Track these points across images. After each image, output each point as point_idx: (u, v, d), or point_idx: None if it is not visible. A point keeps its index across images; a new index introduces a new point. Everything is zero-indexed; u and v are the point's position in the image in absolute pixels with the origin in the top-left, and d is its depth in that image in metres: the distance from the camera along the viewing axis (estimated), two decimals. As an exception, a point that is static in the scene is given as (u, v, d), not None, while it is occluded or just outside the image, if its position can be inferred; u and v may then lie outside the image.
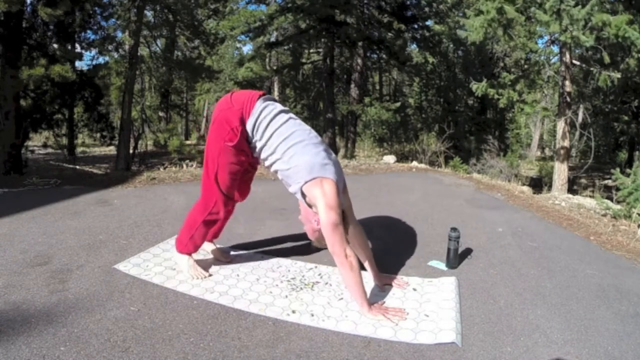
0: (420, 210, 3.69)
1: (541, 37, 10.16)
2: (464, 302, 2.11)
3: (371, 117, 13.77)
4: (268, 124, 2.00)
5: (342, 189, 2.04)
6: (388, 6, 13.34)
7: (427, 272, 2.44)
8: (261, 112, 2.01)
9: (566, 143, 9.78)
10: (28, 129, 9.40)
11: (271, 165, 2.06)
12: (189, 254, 2.28)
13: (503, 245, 2.91)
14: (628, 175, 5.17)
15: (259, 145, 2.03)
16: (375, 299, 2.08)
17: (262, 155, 2.06)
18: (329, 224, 1.85)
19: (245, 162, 2.14)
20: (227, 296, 2.07)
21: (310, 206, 2.00)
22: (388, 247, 2.77)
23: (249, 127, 2.01)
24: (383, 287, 2.21)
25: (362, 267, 2.27)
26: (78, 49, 10.04)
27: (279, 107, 2.08)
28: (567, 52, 9.35)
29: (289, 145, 1.97)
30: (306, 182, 1.92)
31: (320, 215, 1.88)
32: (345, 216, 2.09)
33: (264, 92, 2.12)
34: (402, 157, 10.86)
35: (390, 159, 7.06)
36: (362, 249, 2.21)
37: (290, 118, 2.06)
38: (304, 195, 1.98)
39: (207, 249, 2.50)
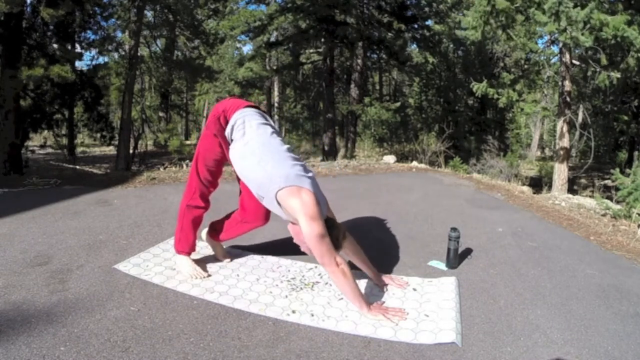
0: (420, 210, 3.69)
1: (541, 37, 10.16)
2: (464, 302, 2.11)
3: (371, 117, 13.76)
4: (249, 127, 2.02)
5: (324, 205, 1.95)
6: (388, 6, 13.34)
7: (427, 272, 2.44)
8: (247, 115, 2.06)
9: (566, 143, 9.78)
10: (28, 129, 9.40)
11: (243, 169, 1.97)
12: (187, 253, 2.29)
13: (503, 245, 2.91)
14: (628, 175, 5.17)
15: (237, 145, 2.02)
16: (375, 299, 2.08)
17: (235, 157, 2.00)
18: (314, 236, 1.78)
19: (220, 154, 2.16)
20: (227, 296, 2.07)
21: (286, 217, 1.92)
22: (388, 247, 2.77)
23: (231, 121, 2.05)
24: (383, 287, 2.21)
25: (359, 270, 2.26)
26: (78, 49, 10.03)
27: (268, 121, 2.13)
28: (567, 52, 9.35)
29: (265, 153, 1.92)
30: (281, 189, 1.83)
31: (303, 228, 1.80)
32: (339, 228, 1.96)
33: (258, 106, 2.19)
34: (402, 157, 10.84)
35: (390, 159, 7.05)
36: (356, 254, 2.17)
37: (273, 132, 2.08)
38: (279, 204, 1.88)
39: (209, 245, 2.51)
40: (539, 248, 2.89)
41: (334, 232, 1.89)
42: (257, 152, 1.94)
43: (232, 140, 2.06)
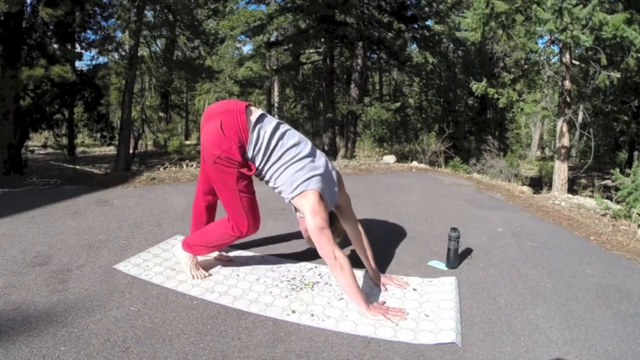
0: (420, 210, 3.69)
1: (541, 37, 10.16)
2: (464, 302, 2.11)
3: (371, 117, 13.76)
4: (263, 154, 2.04)
5: (335, 192, 2.11)
6: (388, 6, 13.35)
7: (427, 272, 2.44)
8: (256, 141, 2.01)
9: (566, 143, 9.78)
10: (28, 129, 9.39)
11: (267, 183, 2.15)
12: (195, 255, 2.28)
13: (503, 245, 2.91)
14: (627, 175, 5.17)
15: (258, 167, 2.10)
16: (375, 299, 2.08)
17: (261, 175, 2.14)
18: (315, 228, 1.91)
19: (249, 178, 2.15)
20: (227, 296, 2.07)
21: (296, 211, 2.13)
22: (388, 247, 2.77)
23: (249, 155, 2.05)
24: (383, 287, 2.21)
25: (362, 266, 2.28)
26: (78, 49, 10.02)
27: (267, 127, 2.04)
28: (567, 52, 9.35)
29: (276, 168, 2.05)
30: (292, 198, 2.02)
31: (306, 221, 1.96)
32: (341, 215, 2.17)
33: (248, 104, 2.08)
34: (402, 157, 10.85)
35: (390, 159, 7.05)
36: (362, 248, 2.22)
37: (279, 139, 2.04)
38: (293, 206, 2.11)
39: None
40: (539, 248, 2.89)
41: (330, 227, 1.99)
42: (269, 170, 2.06)
43: (249, 157, 2.05)
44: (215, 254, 2.46)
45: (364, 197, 4.05)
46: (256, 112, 2.07)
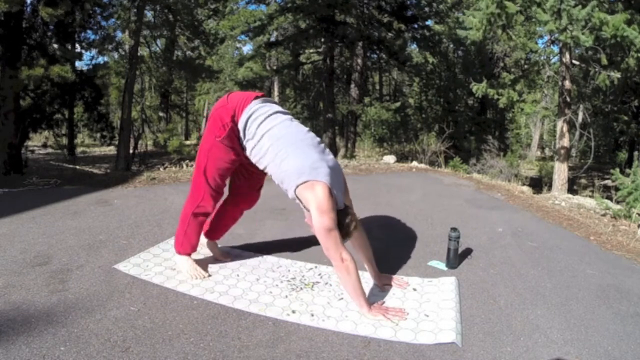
0: (420, 210, 3.69)
1: (541, 37, 10.16)
2: (464, 302, 2.11)
3: (371, 117, 13.76)
4: (260, 124, 1.97)
5: (342, 190, 2.01)
6: (388, 6, 13.34)
7: (427, 272, 2.44)
8: (254, 111, 1.99)
9: (566, 143, 9.78)
10: (28, 129, 9.39)
11: (264, 168, 2.04)
12: (188, 254, 2.29)
13: (503, 245, 2.91)
14: (628, 175, 5.17)
15: (250, 145, 2.01)
16: (375, 299, 2.08)
17: (255, 158, 2.03)
18: (322, 228, 1.81)
19: (237, 161, 2.13)
20: (227, 296, 2.07)
21: (308, 210, 1.95)
22: (388, 247, 2.77)
23: (240, 125, 2.00)
24: (383, 287, 2.21)
25: (362, 267, 2.27)
26: (78, 49, 10.02)
27: (275, 108, 2.06)
28: (567, 52, 9.35)
29: (280, 148, 1.93)
30: (297, 186, 1.88)
31: (313, 219, 1.84)
32: (352, 218, 2.01)
33: (262, 94, 2.11)
34: (402, 157, 10.84)
35: (390, 159, 7.06)
36: (363, 249, 2.21)
37: (285, 119, 2.02)
38: (299, 200, 1.94)
39: (208, 248, 2.51)
40: (539, 248, 2.89)
41: (346, 221, 1.91)
42: (270, 149, 1.95)
43: (245, 140, 2.02)
44: (205, 240, 2.47)
45: (364, 197, 4.05)
46: (267, 98, 2.11)
